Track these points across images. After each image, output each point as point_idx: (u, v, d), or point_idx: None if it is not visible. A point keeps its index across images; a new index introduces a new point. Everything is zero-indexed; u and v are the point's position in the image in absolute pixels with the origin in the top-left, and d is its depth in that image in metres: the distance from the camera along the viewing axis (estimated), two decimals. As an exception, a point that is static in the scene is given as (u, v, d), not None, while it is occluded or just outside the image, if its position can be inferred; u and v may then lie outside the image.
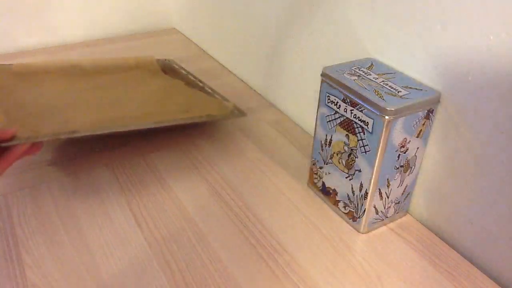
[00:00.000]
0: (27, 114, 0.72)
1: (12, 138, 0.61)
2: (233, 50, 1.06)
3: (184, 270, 0.56)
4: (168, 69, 0.98)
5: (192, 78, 0.94)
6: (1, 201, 0.65)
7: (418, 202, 0.66)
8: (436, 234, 0.63)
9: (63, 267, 0.56)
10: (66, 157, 0.75)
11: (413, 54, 0.61)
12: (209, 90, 0.89)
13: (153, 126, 0.71)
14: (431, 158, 0.62)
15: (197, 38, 1.21)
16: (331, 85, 0.60)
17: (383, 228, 0.64)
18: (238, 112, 0.82)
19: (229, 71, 1.07)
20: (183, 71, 0.97)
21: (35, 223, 0.62)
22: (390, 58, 0.64)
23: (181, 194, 0.69)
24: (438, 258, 0.60)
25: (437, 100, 0.58)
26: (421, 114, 0.57)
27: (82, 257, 0.57)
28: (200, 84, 0.92)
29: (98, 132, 0.68)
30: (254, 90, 0.99)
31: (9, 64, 0.89)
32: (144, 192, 0.69)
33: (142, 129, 0.73)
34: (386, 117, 0.54)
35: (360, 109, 0.57)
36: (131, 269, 0.56)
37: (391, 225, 0.65)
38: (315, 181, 0.69)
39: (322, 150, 0.65)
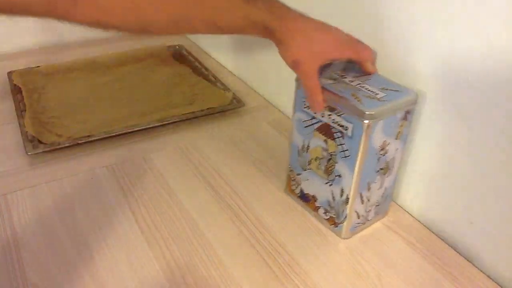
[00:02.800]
0: (51, 117, 0.83)
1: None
2: (233, 50, 1.06)
3: (184, 270, 0.56)
4: (178, 55, 1.10)
5: (198, 65, 1.04)
6: (1, 201, 0.65)
7: (418, 202, 0.66)
8: (436, 234, 0.63)
9: (63, 267, 0.56)
10: (67, 157, 0.75)
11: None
12: (213, 79, 0.98)
13: (158, 124, 0.82)
14: (431, 158, 0.62)
15: (197, 38, 1.21)
16: None
17: (383, 228, 0.64)
18: (237, 103, 0.90)
19: (229, 71, 1.07)
20: (191, 58, 1.08)
21: (35, 223, 0.62)
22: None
23: (181, 194, 0.69)
24: (438, 258, 0.60)
25: (415, 101, 0.57)
26: (399, 115, 0.56)
27: (82, 257, 0.57)
28: (205, 72, 1.01)
29: (110, 135, 0.78)
30: (254, 90, 0.99)
31: (37, 66, 0.98)
32: (144, 192, 0.69)
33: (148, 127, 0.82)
34: (366, 121, 0.53)
35: (338, 114, 0.55)
36: (131, 269, 0.56)
37: (391, 225, 0.65)
38: (293, 187, 0.67)
39: (300, 156, 0.64)
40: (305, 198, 0.66)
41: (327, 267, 0.58)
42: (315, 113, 0.58)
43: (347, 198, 0.59)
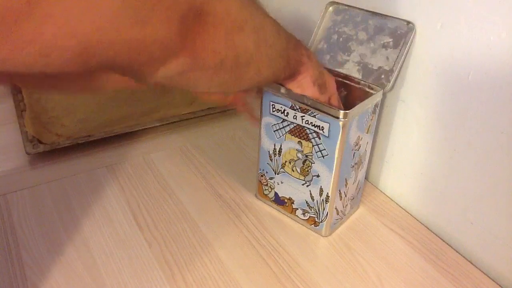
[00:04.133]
0: (51, 117, 0.81)
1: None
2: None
3: (184, 270, 0.56)
4: None
5: None
6: (1, 201, 0.65)
7: (418, 202, 0.66)
8: (436, 234, 0.63)
9: (63, 267, 0.56)
10: (67, 157, 0.75)
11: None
12: None
13: (158, 124, 0.82)
14: (431, 158, 0.62)
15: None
16: (274, 93, 0.56)
17: (383, 229, 0.64)
18: None
19: (229, 71, 1.07)
20: None
21: (35, 223, 0.62)
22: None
23: (181, 194, 0.69)
24: (438, 258, 0.60)
25: (382, 93, 0.58)
26: (371, 110, 0.57)
27: (82, 257, 0.57)
28: None
29: (110, 135, 0.78)
30: (254, 90, 0.99)
31: None
32: (144, 192, 0.69)
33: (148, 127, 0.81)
34: (344, 119, 0.52)
35: (312, 115, 0.54)
36: (131, 269, 0.56)
37: (391, 225, 0.65)
38: (266, 192, 0.66)
39: (271, 160, 0.62)
40: (280, 201, 0.65)
41: (327, 267, 0.58)
42: (287, 116, 0.57)
43: (328, 197, 0.58)
